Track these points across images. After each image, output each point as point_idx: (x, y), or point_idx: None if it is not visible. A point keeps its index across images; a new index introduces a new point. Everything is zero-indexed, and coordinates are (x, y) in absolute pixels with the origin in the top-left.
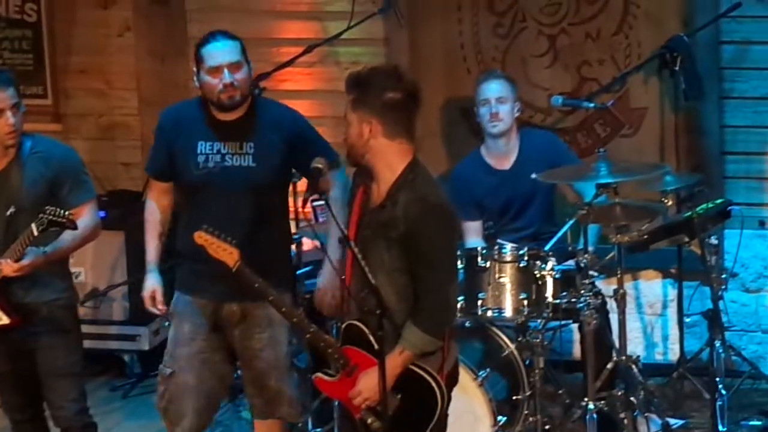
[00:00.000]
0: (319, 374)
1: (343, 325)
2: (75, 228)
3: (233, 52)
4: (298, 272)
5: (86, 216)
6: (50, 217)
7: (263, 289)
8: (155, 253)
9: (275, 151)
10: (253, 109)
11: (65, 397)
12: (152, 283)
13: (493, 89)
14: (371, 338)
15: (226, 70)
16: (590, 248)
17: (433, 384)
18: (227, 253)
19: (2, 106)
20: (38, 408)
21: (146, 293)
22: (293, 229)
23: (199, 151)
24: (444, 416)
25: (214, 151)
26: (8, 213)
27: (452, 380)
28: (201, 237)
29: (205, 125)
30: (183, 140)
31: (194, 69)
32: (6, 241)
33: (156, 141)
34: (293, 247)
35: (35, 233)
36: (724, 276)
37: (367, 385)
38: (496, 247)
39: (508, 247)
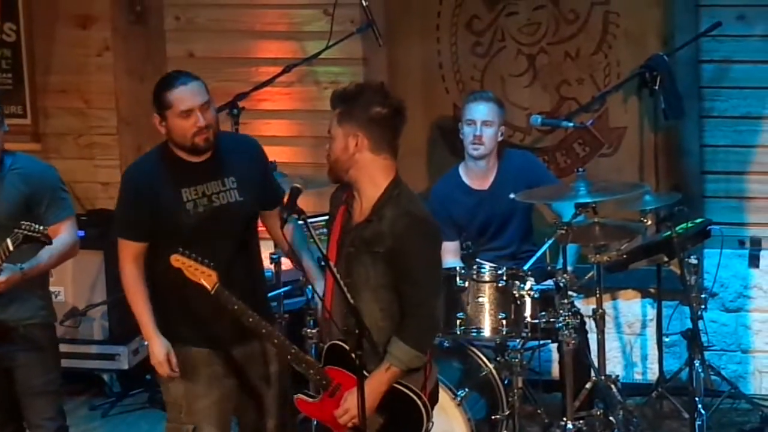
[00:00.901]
0: (300, 395)
1: (326, 346)
2: (49, 243)
3: (202, 93)
4: (277, 292)
5: (64, 233)
6: (25, 231)
7: (242, 311)
8: (152, 318)
9: (254, 180)
10: (217, 144)
11: (42, 415)
12: (163, 347)
13: (481, 111)
14: (354, 357)
15: (198, 113)
16: (569, 268)
17: (419, 402)
18: (205, 275)
19: None
20: (19, 425)
21: (161, 358)
22: (272, 249)
23: (185, 199)
24: None
25: (200, 195)
26: None
27: (434, 399)
28: (178, 260)
29: (181, 172)
30: (165, 194)
31: (157, 114)
32: None
33: (131, 203)
34: (272, 267)
35: (10, 248)
36: (703, 295)
37: (353, 403)
38: (475, 267)
39: (487, 266)
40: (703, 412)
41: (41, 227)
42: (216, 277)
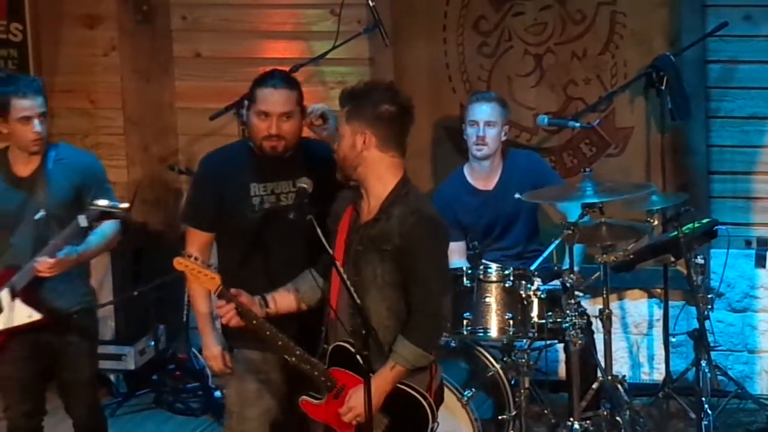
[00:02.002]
0: (305, 397)
1: (330, 347)
2: (124, 215)
3: (288, 102)
4: None
5: (111, 222)
6: (101, 208)
7: (245, 313)
8: (210, 312)
9: (326, 188)
10: (299, 145)
11: (87, 401)
12: (218, 342)
13: (484, 111)
14: (359, 358)
15: (275, 120)
16: (576, 268)
17: (424, 402)
18: (208, 279)
19: (30, 113)
20: (43, 415)
21: (216, 352)
22: None
23: (252, 194)
24: None
25: (269, 192)
26: (37, 217)
27: (439, 399)
28: (181, 263)
29: (254, 166)
30: (233, 184)
31: (246, 102)
32: (35, 246)
33: (198, 189)
34: None
35: (82, 225)
36: (710, 295)
37: (358, 401)
38: (481, 267)
39: (493, 267)
40: (709, 412)
41: (121, 204)
42: (219, 281)
